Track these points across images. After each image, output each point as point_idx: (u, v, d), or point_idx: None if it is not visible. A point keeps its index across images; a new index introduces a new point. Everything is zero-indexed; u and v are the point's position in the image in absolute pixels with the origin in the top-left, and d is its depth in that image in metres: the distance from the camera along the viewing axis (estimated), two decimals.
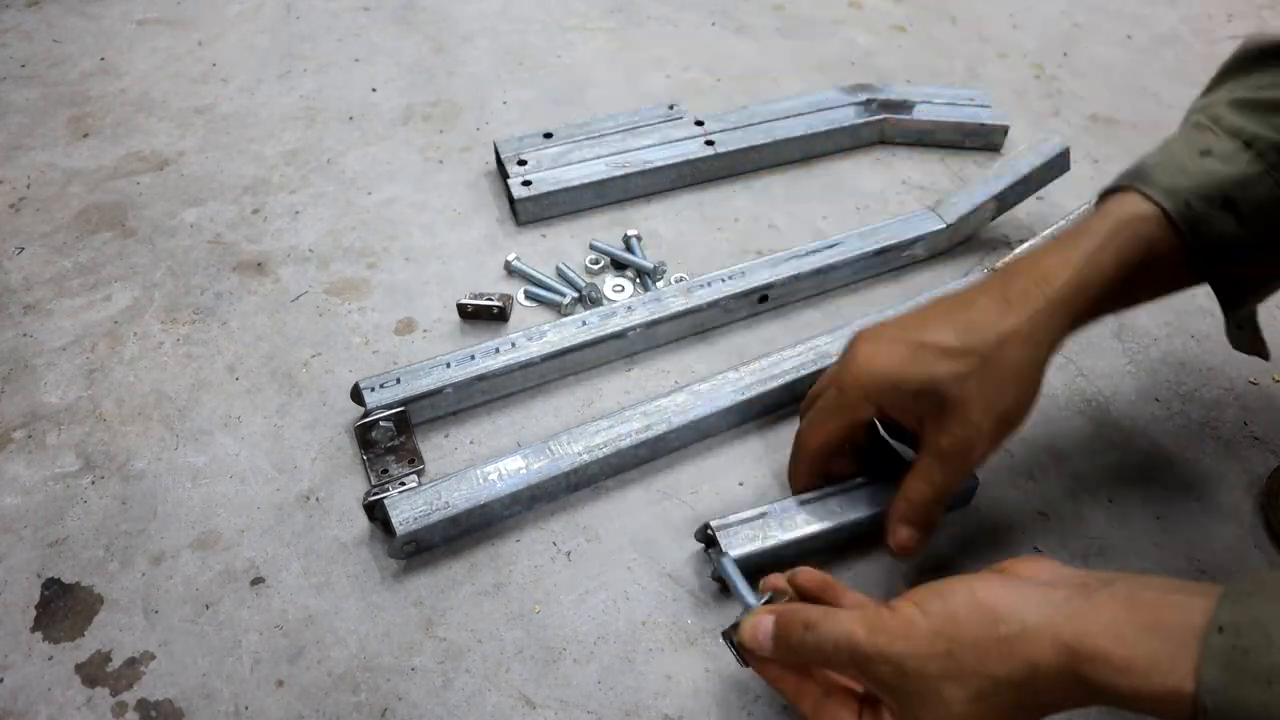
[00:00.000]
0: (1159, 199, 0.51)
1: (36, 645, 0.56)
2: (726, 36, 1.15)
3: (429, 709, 0.54)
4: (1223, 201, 0.51)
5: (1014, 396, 0.51)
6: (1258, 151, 0.51)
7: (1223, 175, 0.51)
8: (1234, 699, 0.34)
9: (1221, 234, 0.51)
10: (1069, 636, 0.38)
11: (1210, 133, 0.53)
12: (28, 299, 0.77)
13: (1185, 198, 0.51)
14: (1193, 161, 0.52)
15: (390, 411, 0.65)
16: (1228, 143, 0.52)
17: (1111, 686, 0.37)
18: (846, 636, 0.43)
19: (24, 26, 1.10)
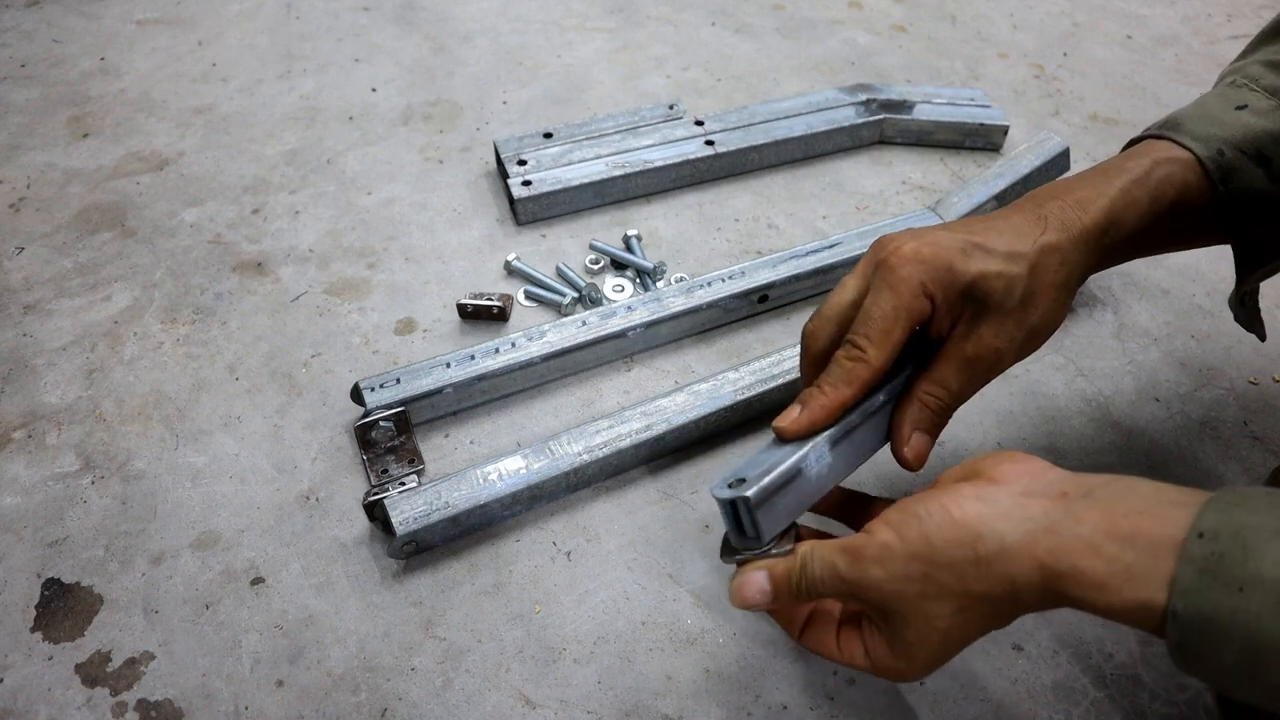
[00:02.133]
0: (1193, 146, 0.51)
1: (36, 645, 0.56)
2: (726, 36, 1.15)
3: (429, 709, 0.54)
4: (1256, 155, 0.51)
5: (1048, 312, 0.49)
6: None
7: (1259, 128, 0.51)
8: (1204, 603, 0.34)
9: (1252, 186, 0.51)
10: (1045, 554, 0.38)
11: (1247, 89, 0.53)
12: (28, 299, 0.77)
13: (1219, 146, 0.51)
14: (1228, 114, 0.52)
15: (390, 411, 0.65)
16: (1264, 100, 0.52)
17: (1088, 601, 0.38)
18: (831, 570, 0.44)
19: (24, 26, 1.10)
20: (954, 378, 0.49)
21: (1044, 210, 0.50)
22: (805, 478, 0.47)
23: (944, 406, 0.50)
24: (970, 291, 0.48)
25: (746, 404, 0.68)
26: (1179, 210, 0.52)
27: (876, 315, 0.48)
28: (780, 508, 0.46)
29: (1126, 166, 0.52)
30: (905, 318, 0.47)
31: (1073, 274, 0.50)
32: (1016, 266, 0.48)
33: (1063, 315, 0.51)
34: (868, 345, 0.48)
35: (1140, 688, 0.56)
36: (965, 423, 0.71)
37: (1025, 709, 0.55)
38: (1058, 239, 0.49)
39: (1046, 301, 0.49)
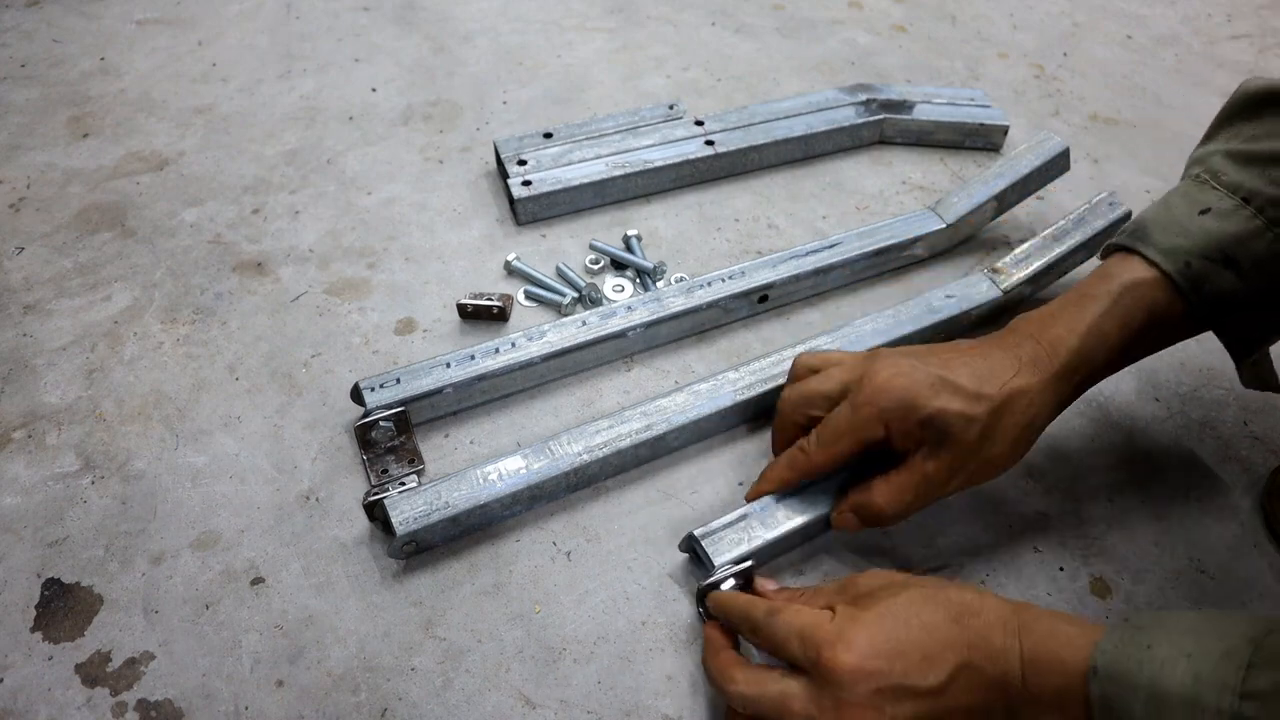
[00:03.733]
0: (1159, 261, 0.53)
1: (36, 645, 0.56)
2: (726, 36, 1.15)
3: (429, 709, 0.54)
4: (1223, 259, 0.52)
5: (1005, 449, 0.53)
6: (1256, 207, 0.52)
7: (1222, 233, 0.52)
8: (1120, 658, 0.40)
9: (1222, 290, 0.53)
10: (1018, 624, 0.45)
11: (1209, 188, 0.54)
12: (28, 299, 0.77)
13: (1185, 258, 0.53)
14: (1191, 221, 0.53)
15: (390, 411, 0.65)
16: (1226, 199, 0.52)
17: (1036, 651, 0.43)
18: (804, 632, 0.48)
19: (24, 26, 1.10)
20: (907, 489, 0.54)
21: (1020, 351, 0.54)
22: (749, 520, 0.58)
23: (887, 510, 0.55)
24: (929, 423, 0.52)
25: (746, 404, 0.68)
26: (1150, 328, 0.54)
27: (830, 428, 0.55)
28: (727, 540, 0.57)
29: (1096, 294, 0.55)
30: (855, 440, 0.54)
31: (1039, 415, 0.53)
32: (979, 407, 0.52)
33: (1023, 452, 0.55)
34: (817, 450, 0.56)
35: None
36: None
37: None
38: (1027, 383, 0.53)
39: (1007, 440, 0.53)
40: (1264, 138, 0.53)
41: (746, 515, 0.59)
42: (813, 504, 0.60)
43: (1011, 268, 0.78)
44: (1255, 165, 0.52)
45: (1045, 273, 0.78)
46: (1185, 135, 1.03)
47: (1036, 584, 0.61)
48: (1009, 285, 0.77)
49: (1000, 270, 0.78)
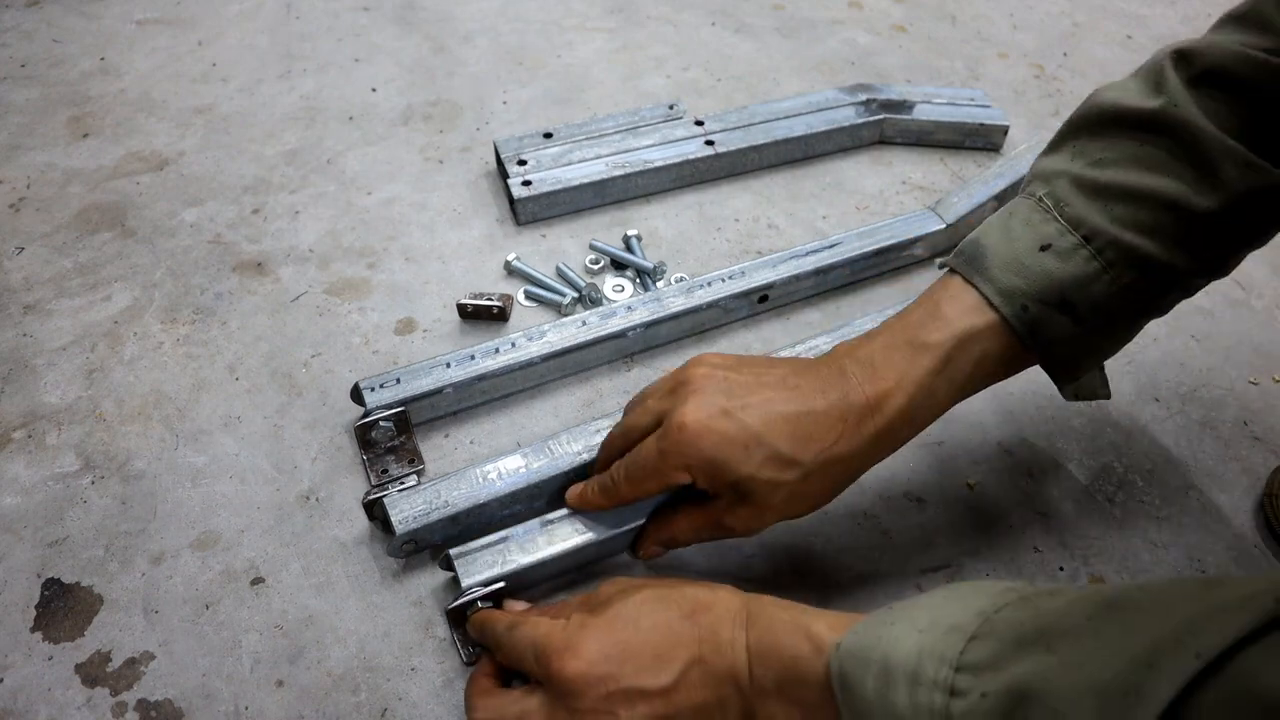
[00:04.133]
0: (998, 304, 0.51)
1: (36, 645, 0.56)
2: (726, 36, 1.15)
3: (429, 709, 0.54)
4: (1059, 303, 0.50)
5: (810, 507, 0.53)
6: (1096, 248, 0.49)
7: (1061, 274, 0.50)
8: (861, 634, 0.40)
9: (1058, 334, 0.51)
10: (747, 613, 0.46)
11: (1051, 220, 0.51)
12: (28, 299, 0.77)
13: (1023, 301, 0.50)
14: (1031, 257, 0.50)
15: (390, 411, 0.65)
16: (1067, 236, 0.50)
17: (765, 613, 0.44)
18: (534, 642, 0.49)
19: (24, 26, 1.10)
20: (705, 529, 0.55)
21: (847, 405, 0.51)
22: (508, 544, 0.57)
23: (685, 541, 0.57)
24: (737, 486, 0.51)
25: None
26: (981, 378, 0.53)
27: (638, 467, 0.54)
28: (481, 561, 0.56)
29: (929, 344, 0.51)
30: (660, 484, 0.53)
31: (853, 474, 0.53)
32: (790, 474, 0.50)
33: (826, 503, 0.54)
34: (624, 484, 0.55)
35: None
36: (966, 423, 0.71)
37: None
38: (847, 449, 0.51)
39: (810, 503, 0.53)
40: (1110, 164, 0.50)
41: (507, 538, 0.57)
42: (576, 532, 0.58)
43: None
44: (1099, 199, 0.50)
45: None
46: None
47: (1036, 584, 0.61)
48: None
49: None
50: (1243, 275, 0.86)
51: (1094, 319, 0.50)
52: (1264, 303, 0.83)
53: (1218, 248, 0.51)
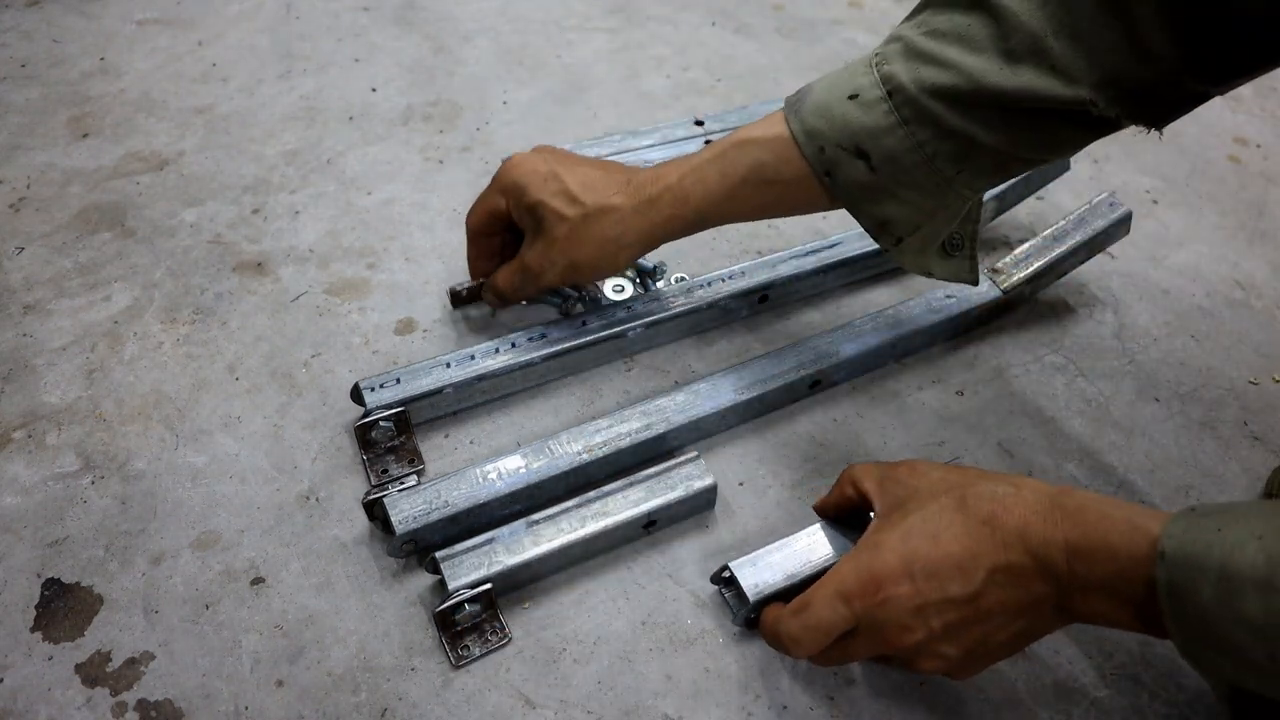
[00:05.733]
0: (800, 140, 0.56)
1: (36, 645, 0.56)
2: (726, 36, 1.15)
3: (429, 709, 0.54)
4: (855, 149, 0.54)
5: (588, 255, 0.64)
6: (895, 104, 0.53)
7: (859, 123, 0.54)
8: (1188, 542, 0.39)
9: (854, 178, 0.56)
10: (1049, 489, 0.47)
11: (869, 75, 0.55)
12: (28, 299, 0.77)
13: (820, 143, 0.56)
14: (839, 104, 0.55)
15: (390, 411, 0.65)
16: (875, 89, 0.54)
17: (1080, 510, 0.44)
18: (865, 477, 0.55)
19: (24, 26, 1.10)
20: (517, 272, 0.68)
21: (632, 176, 0.63)
22: (494, 545, 0.58)
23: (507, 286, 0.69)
24: (533, 210, 0.64)
25: (746, 404, 0.68)
26: (761, 184, 0.59)
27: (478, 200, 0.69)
28: (467, 564, 0.57)
29: (719, 146, 0.61)
30: (485, 209, 0.67)
31: (626, 234, 0.63)
32: (572, 210, 0.62)
33: (609, 266, 0.65)
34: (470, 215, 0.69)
35: (1140, 688, 0.56)
36: (965, 423, 0.71)
37: (1025, 709, 0.55)
38: (621, 203, 0.62)
39: (592, 246, 0.63)
40: (937, 35, 0.53)
41: (493, 540, 0.58)
42: (560, 532, 0.59)
43: (1011, 268, 0.78)
44: (913, 60, 0.53)
45: (1045, 273, 0.78)
46: (1185, 135, 1.03)
47: None
48: (1009, 285, 0.77)
49: (1000, 270, 0.78)
50: (1243, 275, 0.86)
51: (888, 169, 0.54)
52: (1264, 303, 0.83)
53: (1012, 130, 0.52)
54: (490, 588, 0.56)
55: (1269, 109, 1.10)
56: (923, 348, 0.76)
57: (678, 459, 0.63)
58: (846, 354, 0.71)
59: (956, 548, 0.46)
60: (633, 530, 0.61)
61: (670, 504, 0.60)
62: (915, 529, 0.48)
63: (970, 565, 0.46)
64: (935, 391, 0.74)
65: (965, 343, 0.78)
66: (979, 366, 0.76)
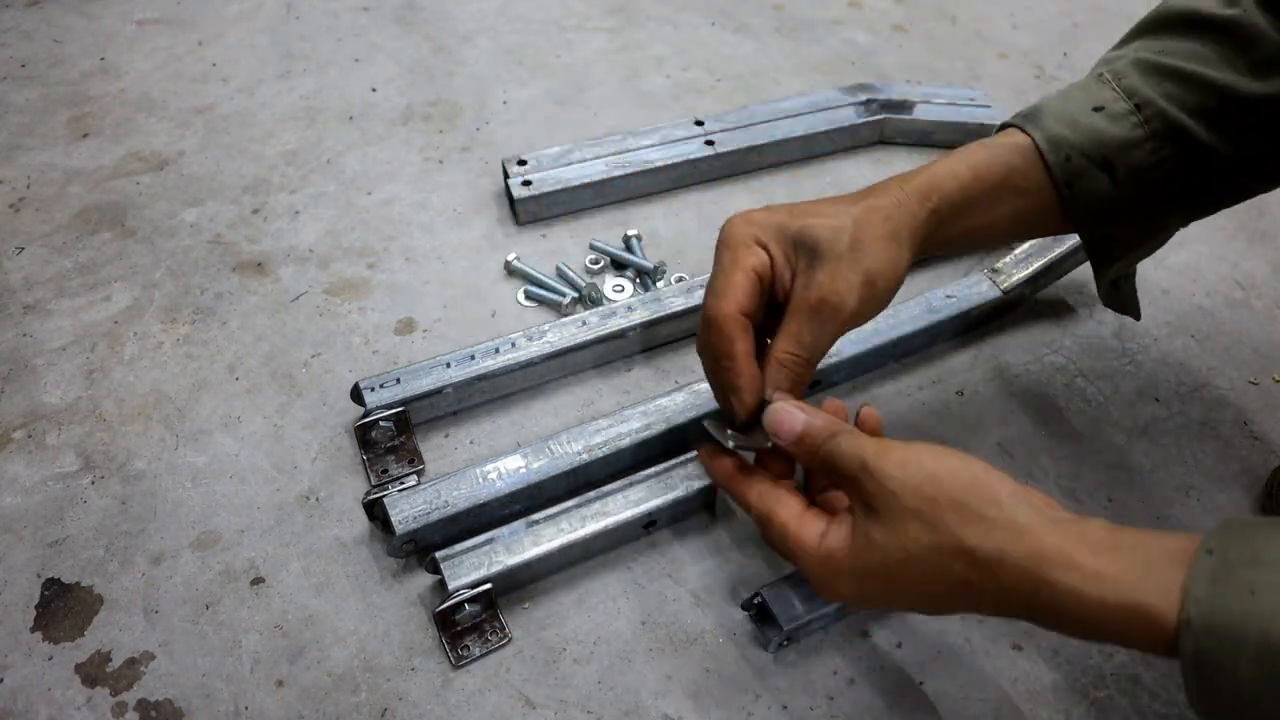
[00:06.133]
0: (1044, 148, 0.54)
1: (36, 645, 0.56)
2: (726, 36, 1.15)
3: (429, 709, 0.54)
4: (1102, 161, 0.53)
5: (878, 261, 0.52)
6: (1144, 117, 0.53)
7: (1107, 135, 0.53)
8: (1218, 609, 0.35)
9: (1095, 191, 0.54)
10: (1049, 544, 0.40)
11: (1108, 88, 0.55)
12: (28, 299, 0.77)
13: (1066, 151, 0.54)
14: (1084, 115, 0.54)
15: (390, 411, 0.65)
16: (1120, 102, 0.54)
17: (1074, 593, 0.38)
18: (858, 451, 0.46)
19: (24, 26, 1.10)
20: (804, 329, 0.51)
21: (872, 187, 0.55)
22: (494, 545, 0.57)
23: (800, 361, 0.52)
24: (800, 239, 0.52)
25: None
26: (1009, 190, 0.55)
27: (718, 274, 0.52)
28: (467, 564, 0.56)
29: (963, 150, 0.56)
30: (742, 265, 0.52)
31: (900, 228, 0.53)
32: (840, 219, 0.52)
33: (901, 266, 0.53)
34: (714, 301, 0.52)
35: (1140, 688, 0.56)
36: (965, 423, 0.71)
37: (1025, 709, 0.55)
38: (880, 202, 0.53)
39: (877, 249, 0.52)
40: (1171, 54, 0.54)
41: (493, 540, 0.57)
42: (560, 531, 0.58)
43: (1011, 268, 0.78)
44: (1155, 76, 0.53)
45: (1045, 273, 0.78)
46: None
47: None
48: (1009, 285, 0.77)
49: (1000, 270, 0.78)
50: (1243, 275, 0.86)
51: (1130, 185, 0.53)
52: (1264, 303, 0.83)
53: (1260, 142, 0.53)
54: (490, 588, 0.56)
55: None
56: (923, 348, 0.76)
57: (678, 459, 0.63)
58: (846, 354, 0.71)
59: (912, 599, 0.45)
60: (633, 530, 0.61)
61: (670, 504, 0.60)
62: (876, 571, 0.45)
63: (923, 606, 0.46)
64: (935, 391, 0.74)
65: (965, 343, 0.78)
66: (979, 366, 0.76)
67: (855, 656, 0.57)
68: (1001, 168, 0.54)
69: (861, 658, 0.57)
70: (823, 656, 0.57)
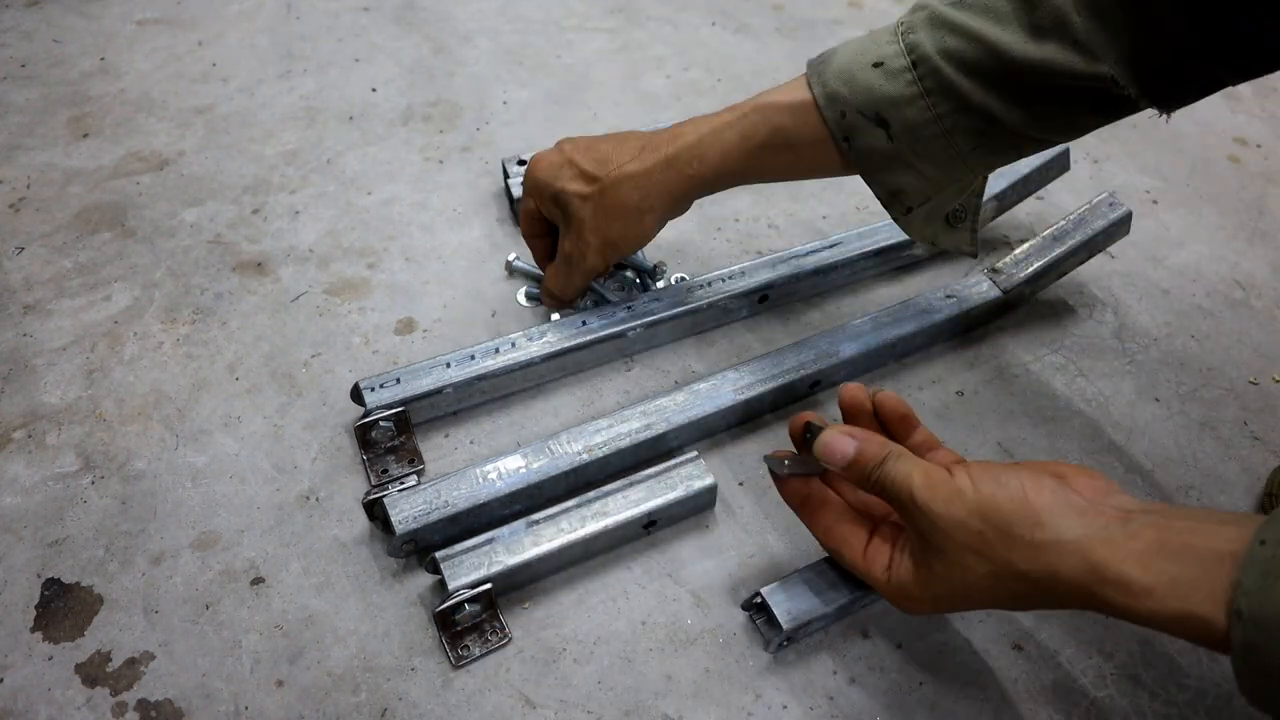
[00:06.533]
0: (822, 105, 0.57)
1: (36, 645, 0.56)
2: (726, 36, 1.15)
3: (429, 709, 0.54)
4: (876, 117, 0.55)
5: (619, 229, 0.65)
6: (919, 75, 0.54)
7: (881, 92, 0.55)
8: (1269, 601, 0.35)
9: (871, 145, 0.56)
10: (1097, 558, 0.41)
11: (894, 44, 0.55)
12: (28, 299, 0.77)
13: (841, 108, 0.56)
14: (863, 71, 0.55)
15: (390, 411, 0.65)
16: (900, 58, 0.54)
17: (1130, 609, 0.40)
18: (906, 481, 0.47)
19: (24, 26, 1.10)
20: (559, 270, 0.70)
21: (649, 142, 0.63)
22: (494, 545, 0.58)
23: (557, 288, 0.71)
24: (557, 200, 0.66)
25: (746, 404, 0.68)
26: (781, 148, 0.60)
27: None
28: (467, 564, 0.57)
29: (740, 107, 0.61)
30: (523, 211, 0.71)
31: (648, 197, 0.63)
32: (588, 187, 0.64)
33: (638, 233, 0.65)
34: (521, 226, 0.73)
35: (1140, 688, 0.56)
36: (966, 423, 0.71)
37: (1025, 709, 0.55)
38: (636, 169, 0.62)
39: (617, 220, 0.64)
40: (966, 6, 0.53)
41: (493, 540, 0.58)
42: (560, 531, 0.58)
43: (1011, 268, 0.78)
44: (941, 29, 0.53)
45: (1045, 273, 0.78)
46: (1186, 135, 1.03)
47: None
48: (1009, 285, 0.77)
49: (1000, 270, 0.78)
50: (1243, 275, 0.86)
51: (906, 139, 0.55)
52: (1264, 303, 0.83)
53: (1031, 104, 0.53)
54: (490, 588, 0.56)
55: (1269, 109, 1.10)
56: (923, 348, 0.76)
57: (678, 459, 0.63)
58: (846, 354, 0.71)
59: (987, 600, 0.47)
60: (633, 530, 0.61)
61: (670, 504, 0.60)
62: (945, 594, 0.47)
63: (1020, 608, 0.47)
64: (935, 391, 0.74)
65: (965, 343, 0.78)
66: (979, 366, 0.76)
67: (855, 656, 0.57)
68: (769, 130, 0.59)
69: (861, 658, 0.57)
70: (823, 656, 0.57)
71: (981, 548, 0.44)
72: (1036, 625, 0.59)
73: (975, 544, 0.44)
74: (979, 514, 0.44)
